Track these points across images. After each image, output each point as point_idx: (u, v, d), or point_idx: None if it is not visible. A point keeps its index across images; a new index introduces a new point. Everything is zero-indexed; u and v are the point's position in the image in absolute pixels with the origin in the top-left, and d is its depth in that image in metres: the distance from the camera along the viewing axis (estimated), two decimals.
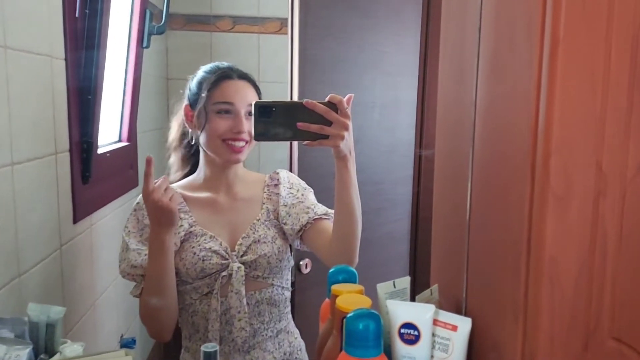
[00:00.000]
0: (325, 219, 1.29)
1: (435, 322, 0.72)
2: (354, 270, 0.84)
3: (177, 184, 1.34)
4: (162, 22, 1.87)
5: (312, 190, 1.38)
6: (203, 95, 1.25)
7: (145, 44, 1.85)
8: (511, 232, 0.63)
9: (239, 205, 1.32)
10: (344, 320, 0.68)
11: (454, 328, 0.71)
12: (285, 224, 1.30)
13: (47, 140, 1.28)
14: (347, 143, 1.07)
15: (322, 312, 0.85)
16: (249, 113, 1.24)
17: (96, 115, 1.47)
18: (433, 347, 0.72)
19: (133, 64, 1.85)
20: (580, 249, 0.57)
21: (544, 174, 0.57)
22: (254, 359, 1.29)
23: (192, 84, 1.31)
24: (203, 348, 0.75)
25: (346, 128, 1.05)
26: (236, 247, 1.27)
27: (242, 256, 1.26)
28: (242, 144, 1.25)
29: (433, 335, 0.72)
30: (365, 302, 0.72)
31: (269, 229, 1.30)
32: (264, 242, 1.27)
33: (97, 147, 1.52)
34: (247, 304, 1.26)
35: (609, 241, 0.57)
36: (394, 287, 0.79)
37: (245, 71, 1.32)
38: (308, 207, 1.30)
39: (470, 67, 0.74)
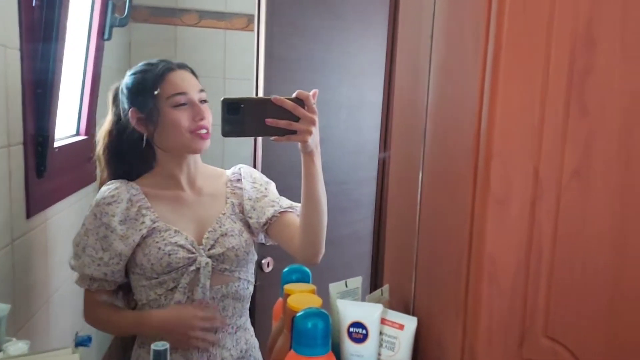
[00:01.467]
0: (291, 212, 1.30)
1: (383, 321, 0.73)
2: (307, 270, 0.85)
3: (137, 181, 1.32)
4: (125, 14, 1.84)
5: (273, 183, 1.39)
6: (152, 92, 1.23)
7: (106, 36, 1.82)
8: (455, 233, 0.64)
9: (204, 200, 1.32)
10: (294, 319, 0.69)
11: (401, 327, 0.73)
12: (250, 217, 1.30)
13: (0, 132, 1.25)
14: (315, 138, 1.09)
15: (274, 311, 0.85)
16: (201, 100, 1.25)
17: (53, 108, 1.44)
18: (380, 346, 0.73)
19: (93, 56, 1.81)
20: (518, 249, 0.59)
21: (485, 177, 0.59)
22: (212, 356, 1.28)
23: (129, 87, 1.28)
24: (153, 346, 0.75)
25: (313, 123, 1.07)
26: (203, 241, 1.26)
27: (209, 250, 1.26)
28: (205, 130, 1.25)
29: (381, 333, 0.73)
30: (315, 302, 0.73)
31: (235, 222, 1.30)
32: (232, 235, 1.27)
33: (53, 140, 1.49)
34: (213, 298, 1.26)
35: (544, 243, 0.59)
36: (346, 286, 0.81)
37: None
38: (273, 201, 1.31)
39: (423, 71, 0.76)
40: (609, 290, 0.59)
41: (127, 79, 1.29)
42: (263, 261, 2.04)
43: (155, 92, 1.22)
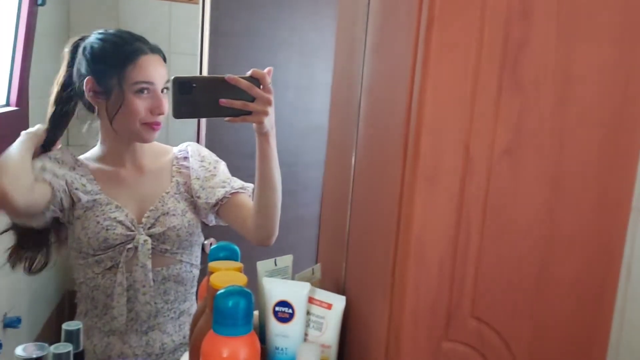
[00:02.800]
0: (242, 192, 1.27)
1: (310, 300, 0.71)
2: (236, 247, 0.81)
3: (82, 156, 1.26)
4: None
5: (224, 162, 1.34)
6: (117, 72, 1.16)
7: (40, 1, 1.71)
8: (385, 211, 0.63)
9: (147, 178, 1.26)
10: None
11: (329, 306, 0.71)
12: (199, 197, 1.26)
13: None
14: (270, 119, 1.05)
15: (200, 290, 0.82)
16: (165, 89, 1.19)
17: None
18: (308, 326, 0.71)
19: (25, 22, 1.70)
20: (446, 229, 0.58)
21: (414, 154, 0.57)
22: (152, 341, 1.24)
23: (93, 52, 1.20)
24: (64, 326, 0.70)
25: (270, 103, 1.03)
26: (143, 220, 1.21)
27: (149, 228, 1.21)
28: (158, 124, 1.20)
29: (308, 313, 0.71)
30: (240, 280, 0.70)
31: (179, 202, 1.25)
32: (174, 215, 1.23)
33: None
34: (154, 280, 1.21)
35: (472, 223, 0.58)
36: (275, 265, 0.78)
37: (153, 42, 1.24)
38: (224, 181, 1.27)
39: (359, 43, 0.73)
40: (536, 271, 0.59)
41: (94, 41, 1.20)
42: (205, 242, 2.00)
43: (118, 72, 1.16)
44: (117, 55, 1.17)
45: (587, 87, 0.57)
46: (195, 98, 0.98)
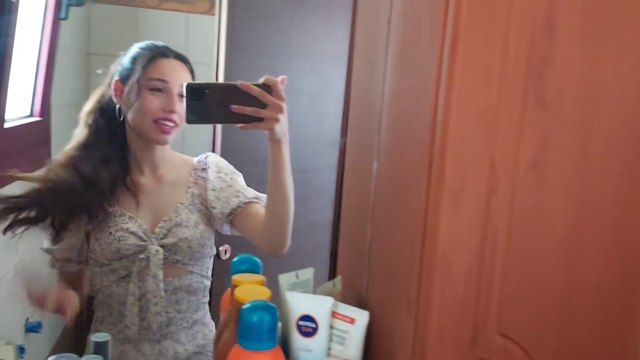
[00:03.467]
0: (256, 202, 1.27)
1: (333, 314, 0.71)
2: (258, 260, 0.82)
3: None
4: None
5: (240, 174, 1.35)
6: (137, 69, 1.20)
7: (62, 15, 1.74)
8: (409, 226, 0.63)
9: (164, 188, 1.28)
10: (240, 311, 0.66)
11: (352, 321, 0.71)
12: (214, 208, 1.26)
13: None
14: (282, 126, 1.05)
15: (223, 302, 0.83)
16: (181, 95, 1.21)
17: (3, 87, 1.37)
18: (330, 340, 0.71)
19: (49, 35, 1.73)
20: (472, 245, 0.58)
21: (439, 169, 0.57)
22: (164, 350, 1.25)
23: (125, 59, 1.25)
24: (93, 338, 0.71)
25: (281, 110, 1.03)
26: (156, 230, 1.23)
27: (161, 239, 1.22)
28: (171, 124, 1.21)
29: (331, 327, 0.71)
30: (264, 294, 0.71)
31: (192, 213, 1.26)
32: (186, 226, 1.24)
33: (3, 120, 1.42)
34: (165, 290, 1.22)
35: (498, 238, 0.58)
36: (297, 278, 0.78)
37: (179, 51, 1.28)
38: (238, 191, 1.28)
39: (379, 59, 0.73)
40: (562, 286, 0.59)
41: (129, 51, 1.26)
42: (220, 248, 2.01)
43: (138, 69, 1.19)
44: (142, 57, 1.21)
45: (612, 102, 0.57)
46: (208, 104, 0.99)
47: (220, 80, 1.90)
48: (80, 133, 1.27)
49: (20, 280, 1.21)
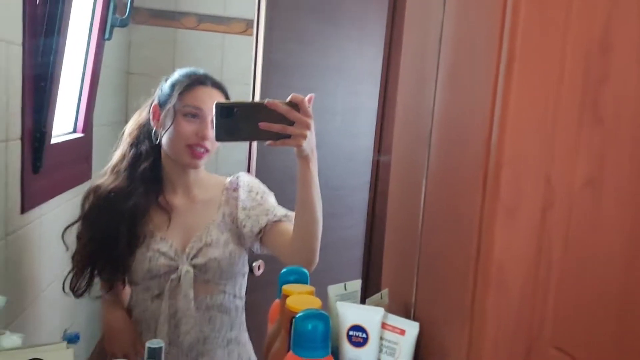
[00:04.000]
0: (286, 221, 1.29)
1: (383, 325, 0.72)
2: (305, 271, 0.84)
3: None
4: (126, 15, 1.84)
5: (272, 193, 1.37)
6: (174, 95, 1.24)
7: (107, 36, 1.81)
8: (461, 239, 0.64)
9: (196, 208, 1.31)
10: (293, 320, 0.68)
11: (402, 332, 0.72)
12: (244, 226, 1.29)
13: None
14: (310, 142, 1.08)
15: (271, 313, 0.85)
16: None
17: (52, 105, 1.43)
18: (380, 351, 0.73)
19: (93, 55, 1.80)
20: (527, 258, 0.59)
21: (495, 184, 0.59)
22: None
23: (166, 85, 1.30)
24: (148, 344, 0.74)
25: (308, 127, 1.06)
26: (187, 249, 1.26)
27: (192, 259, 1.25)
28: (202, 150, 1.24)
29: (381, 338, 0.72)
30: (315, 303, 0.73)
31: (222, 232, 1.29)
32: (216, 246, 1.26)
33: (50, 136, 1.48)
34: (197, 308, 1.25)
35: (554, 252, 0.59)
36: (345, 289, 0.80)
37: (217, 79, 1.32)
38: (267, 210, 1.30)
39: (429, 77, 0.75)
40: (618, 299, 0.59)
41: (170, 77, 1.32)
42: (254, 264, 2.03)
43: (174, 96, 1.24)
44: (180, 84, 1.25)
45: None
46: (237, 122, 1.03)
47: (257, 99, 1.95)
48: (119, 154, 1.32)
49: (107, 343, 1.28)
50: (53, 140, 1.56)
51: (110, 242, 1.23)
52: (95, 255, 1.25)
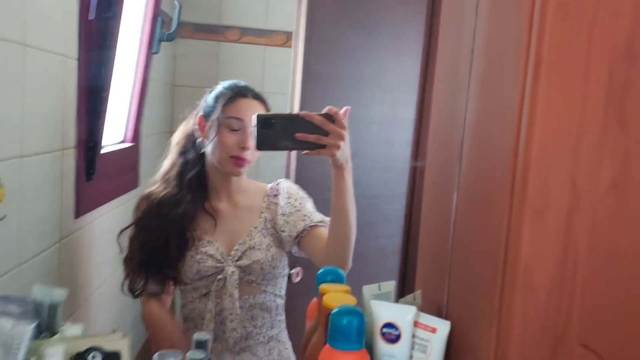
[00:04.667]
0: (322, 226, 1.34)
1: (416, 323, 0.75)
2: (341, 272, 0.88)
3: None
4: (173, 29, 1.93)
5: (310, 199, 1.42)
6: (218, 108, 1.31)
7: (154, 50, 1.90)
8: (491, 241, 0.67)
9: (239, 213, 1.37)
10: (329, 316, 0.72)
11: (434, 330, 0.75)
12: (283, 231, 1.35)
13: (56, 136, 1.32)
14: (344, 152, 1.12)
15: (309, 311, 0.88)
16: None
17: (103, 115, 1.52)
18: (412, 348, 0.75)
19: (142, 68, 1.90)
20: (554, 259, 0.61)
21: (522, 188, 0.61)
22: None
23: (210, 97, 1.37)
24: (195, 337, 0.79)
25: (342, 138, 1.10)
26: (232, 252, 1.32)
27: (237, 261, 1.31)
28: (244, 159, 1.30)
29: (413, 336, 0.75)
30: (350, 301, 0.76)
31: (264, 237, 1.35)
32: (259, 249, 1.32)
33: (101, 146, 1.57)
34: (241, 307, 1.31)
35: (580, 253, 0.61)
36: (379, 290, 0.83)
37: (258, 91, 1.38)
38: (305, 215, 1.35)
39: (462, 85, 0.78)
40: None
41: (214, 89, 1.38)
42: (292, 271, 2.08)
43: (218, 108, 1.30)
44: (223, 96, 1.31)
45: None
46: (275, 132, 1.09)
47: (296, 109, 2.00)
48: (169, 162, 1.39)
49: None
50: (104, 150, 1.65)
51: (162, 245, 1.30)
52: (149, 258, 1.32)
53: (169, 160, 1.40)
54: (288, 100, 2.23)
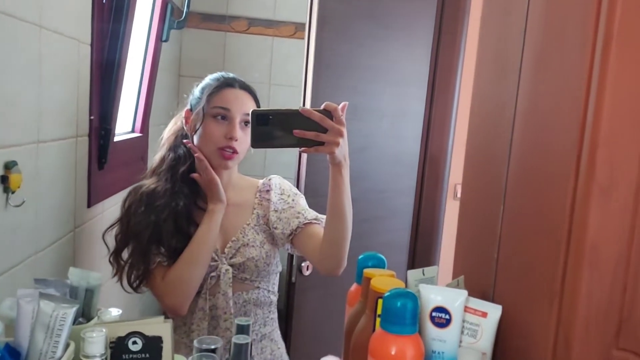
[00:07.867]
0: (316, 223, 1.31)
1: (465, 308, 0.74)
2: (382, 256, 0.86)
3: None
4: (183, 17, 1.90)
5: (303, 196, 1.40)
6: (203, 98, 1.27)
7: (164, 38, 1.87)
8: (551, 221, 0.65)
9: (231, 210, 1.33)
10: (379, 299, 0.70)
11: (484, 315, 0.73)
12: (276, 228, 1.32)
13: (70, 122, 1.29)
14: (342, 149, 1.10)
15: (350, 296, 0.87)
16: (245, 122, 1.27)
17: (116, 103, 1.49)
18: (462, 332, 0.74)
19: (151, 57, 1.87)
20: (621, 238, 0.60)
21: (589, 165, 0.60)
22: None
23: (196, 89, 1.33)
24: (234, 340, 0.77)
25: (341, 135, 1.07)
26: (226, 250, 1.29)
27: (230, 258, 1.29)
28: (231, 151, 1.27)
29: (463, 321, 0.74)
30: (399, 284, 0.75)
31: (258, 233, 1.32)
32: (252, 246, 1.30)
33: (114, 134, 1.54)
34: (235, 303, 1.28)
35: None
36: (423, 275, 0.82)
37: (248, 82, 1.34)
38: (299, 212, 1.32)
39: (511, 68, 0.77)
40: None
41: (201, 82, 1.34)
42: (302, 264, 2.06)
43: (203, 98, 1.27)
44: (209, 87, 1.28)
45: None
46: (272, 129, 1.05)
47: (308, 101, 1.98)
48: (159, 157, 1.36)
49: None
50: (115, 139, 1.61)
51: (154, 232, 1.26)
52: (143, 245, 1.28)
53: (159, 154, 1.37)
54: (295, 92, 2.20)
